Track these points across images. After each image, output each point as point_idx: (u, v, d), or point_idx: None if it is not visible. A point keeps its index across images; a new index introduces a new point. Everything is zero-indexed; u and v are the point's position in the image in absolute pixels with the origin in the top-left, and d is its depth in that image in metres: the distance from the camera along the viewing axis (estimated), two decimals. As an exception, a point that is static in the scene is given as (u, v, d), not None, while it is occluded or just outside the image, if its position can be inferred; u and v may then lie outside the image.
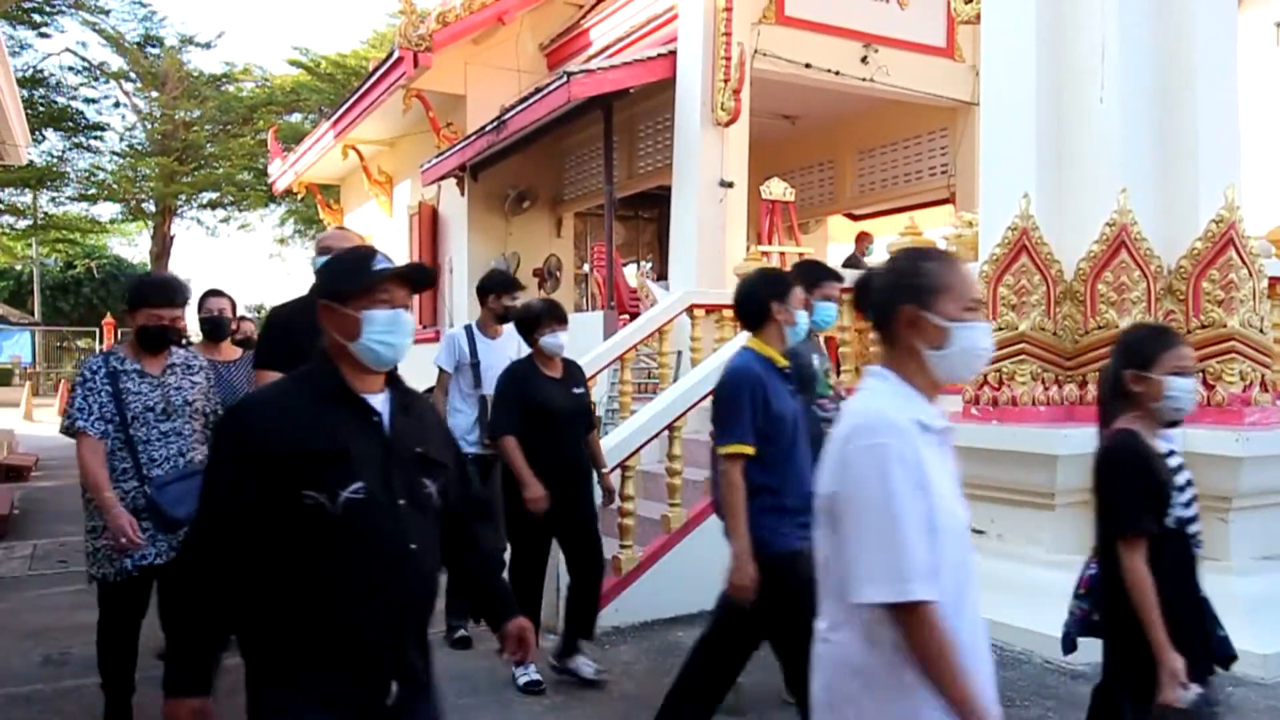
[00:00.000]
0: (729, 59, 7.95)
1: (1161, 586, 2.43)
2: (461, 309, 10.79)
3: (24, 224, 30.36)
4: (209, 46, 37.66)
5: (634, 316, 8.32)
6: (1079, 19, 5.22)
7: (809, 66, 8.56)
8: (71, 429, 3.37)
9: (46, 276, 33.09)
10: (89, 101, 29.46)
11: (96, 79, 29.63)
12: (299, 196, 19.72)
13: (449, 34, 10.13)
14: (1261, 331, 4.97)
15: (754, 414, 3.10)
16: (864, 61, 8.78)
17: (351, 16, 72.53)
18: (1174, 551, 2.51)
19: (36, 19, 27.00)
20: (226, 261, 64.04)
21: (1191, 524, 2.56)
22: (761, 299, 3.27)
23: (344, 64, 27.39)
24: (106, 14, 28.83)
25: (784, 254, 7.98)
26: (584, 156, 10.90)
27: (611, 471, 4.80)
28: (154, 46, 30.24)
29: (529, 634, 2.11)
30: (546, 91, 8.23)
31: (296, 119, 28.32)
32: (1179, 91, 5.10)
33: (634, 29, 9.47)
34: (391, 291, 1.90)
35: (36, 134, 25.38)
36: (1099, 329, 5.05)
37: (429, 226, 12.08)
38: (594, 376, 5.91)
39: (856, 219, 12.10)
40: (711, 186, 8.15)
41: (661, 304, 7.30)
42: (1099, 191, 5.07)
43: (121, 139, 30.70)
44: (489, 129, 9.23)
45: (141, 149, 30.42)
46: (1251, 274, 4.93)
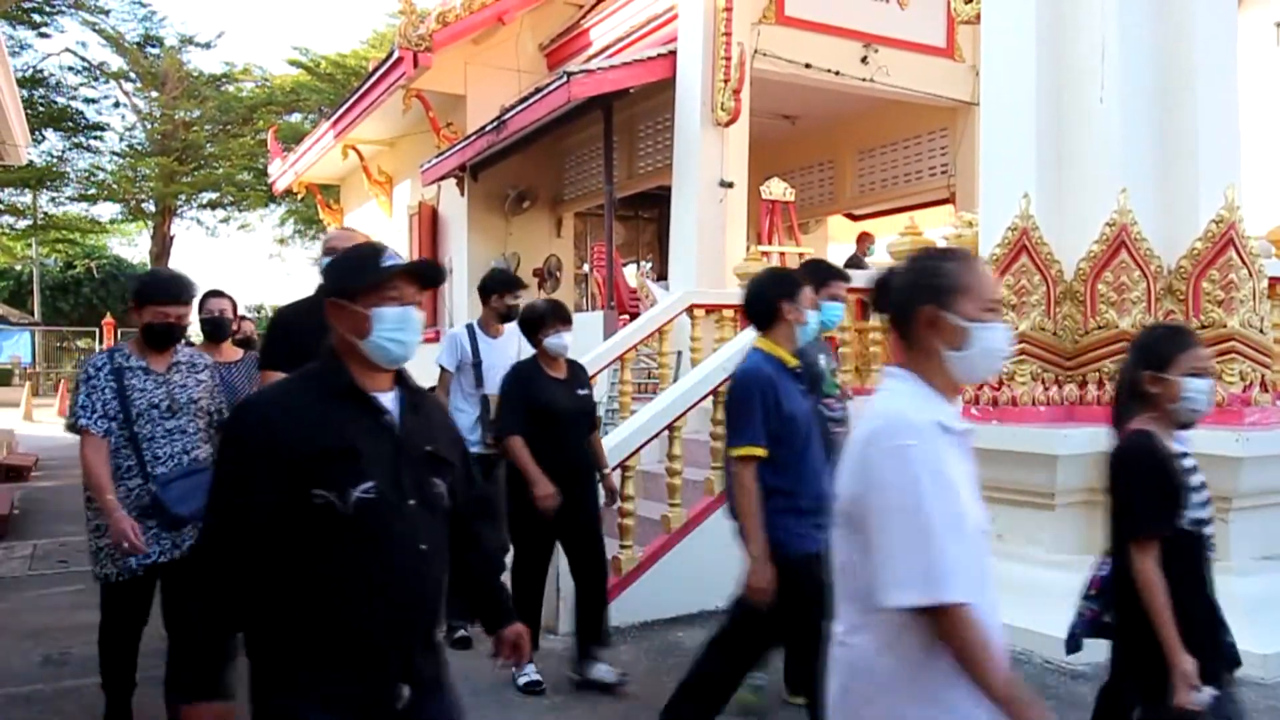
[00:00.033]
0: (729, 59, 7.96)
1: (1175, 588, 2.41)
2: (461, 309, 10.79)
3: (24, 224, 30.37)
4: (209, 46, 37.75)
5: (634, 316, 8.32)
6: (1079, 19, 5.22)
7: (809, 66, 8.56)
8: (75, 426, 3.37)
9: (46, 276, 33.01)
10: (89, 101, 29.58)
11: (96, 79, 29.69)
12: (299, 197, 19.74)
13: (449, 34, 10.13)
14: (1261, 331, 4.97)
15: (765, 416, 3.09)
16: (864, 61, 8.78)
17: (351, 16, 72.64)
18: (1188, 553, 2.50)
19: (36, 19, 27.05)
20: (226, 262, 64.03)
21: (1206, 525, 2.55)
22: (771, 299, 3.26)
23: (344, 64, 27.42)
24: (106, 14, 28.92)
25: (784, 254, 7.98)
26: (584, 156, 10.89)
27: (612, 471, 4.80)
28: (154, 46, 30.29)
29: (525, 640, 2.09)
30: (546, 91, 8.23)
31: (296, 119, 28.34)
32: (1179, 91, 5.10)
33: (634, 29, 9.47)
34: (401, 288, 1.88)
35: (36, 134, 25.40)
36: (1099, 329, 5.06)
37: (429, 226, 12.08)
38: (594, 376, 5.87)
39: (856, 219, 12.10)
40: (711, 186, 8.15)
41: (661, 304, 7.29)
42: (1099, 191, 5.07)
43: (121, 139, 30.82)
44: (489, 129, 9.23)
45: (141, 149, 30.45)
46: (1251, 274, 4.93)
